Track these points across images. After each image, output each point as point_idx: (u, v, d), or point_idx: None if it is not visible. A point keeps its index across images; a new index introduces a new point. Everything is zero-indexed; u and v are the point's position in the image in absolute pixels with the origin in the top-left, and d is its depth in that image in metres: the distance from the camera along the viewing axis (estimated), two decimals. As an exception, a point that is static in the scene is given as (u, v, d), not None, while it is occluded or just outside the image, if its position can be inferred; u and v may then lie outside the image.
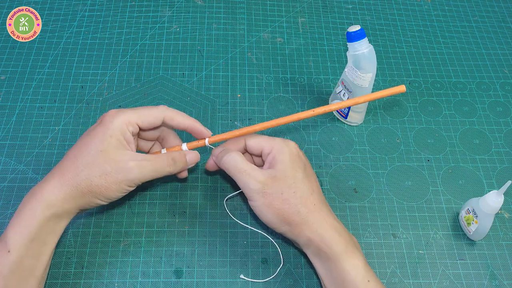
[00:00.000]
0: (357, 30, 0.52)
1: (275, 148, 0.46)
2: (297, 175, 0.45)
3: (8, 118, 0.59)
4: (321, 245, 0.43)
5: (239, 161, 0.45)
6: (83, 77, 0.63)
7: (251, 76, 0.66)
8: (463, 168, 0.59)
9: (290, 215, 0.43)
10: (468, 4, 0.79)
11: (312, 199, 0.44)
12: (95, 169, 0.42)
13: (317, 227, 0.43)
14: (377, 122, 0.62)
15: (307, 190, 0.44)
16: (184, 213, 0.53)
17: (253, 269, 0.49)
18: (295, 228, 0.44)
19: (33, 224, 0.40)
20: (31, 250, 0.40)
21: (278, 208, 0.43)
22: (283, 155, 0.45)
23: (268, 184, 0.44)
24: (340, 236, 0.43)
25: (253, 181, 0.44)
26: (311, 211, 0.44)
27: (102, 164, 0.42)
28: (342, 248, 0.42)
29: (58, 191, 0.41)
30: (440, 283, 0.50)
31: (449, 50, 0.72)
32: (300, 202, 0.44)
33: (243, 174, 0.44)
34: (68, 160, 0.43)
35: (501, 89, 0.67)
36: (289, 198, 0.43)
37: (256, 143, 0.47)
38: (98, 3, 0.72)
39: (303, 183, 0.45)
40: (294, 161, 0.45)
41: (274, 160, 0.45)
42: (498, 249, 0.52)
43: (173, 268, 0.49)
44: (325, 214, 0.44)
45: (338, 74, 0.67)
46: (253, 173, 0.44)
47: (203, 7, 0.74)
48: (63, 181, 0.42)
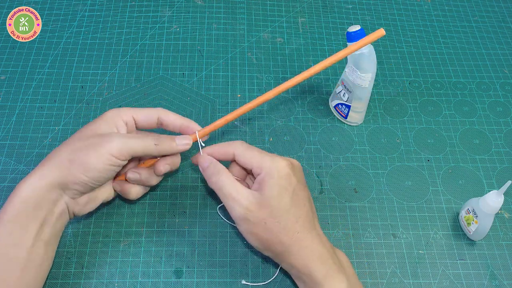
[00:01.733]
0: (357, 30, 0.52)
1: (264, 170, 0.43)
2: (282, 203, 0.42)
3: (8, 118, 0.59)
4: (303, 271, 0.42)
5: (226, 185, 0.44)
6: (83, 77, 0.64)
7: (251, 76, 0.66)
8: (463, 168, 0.59)
9: (272, 244, 0.43)
10: (468, 4, 0.79)
11: (297, 227, 0.42)
12: (79, 141, 0.43)
13: (299, 255, 0.42)
14: (377, 122, 0.62)
15: (292, 218, 0.42)
16: (184, 213, 0.53)
17: (253, 269, 0.49)
18: (278, 256, 0.44)
19: (10, 207, 0.40)
20: (11, 235, 0.39)
21: (260, 236, 0.43)
22: (271, 180, 0.43)
23: (252, 210, 0.42)
24: (322, 263, 0.42)
25: (237, 207, 0.43)
26: (294, 241, 0.42)
27: (88, 136, 0.43)
28: (323, 274, 0.41)
29: (38, 170, 0.41)
30: (440, 283, 0.50)
31: (449, 50, 0.72)
32: (283, 232, 0.42)
33: (228, 198, 0.43)
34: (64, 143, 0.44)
35: (501, 89, 0.67)
36: (272, 227, 0.42)
37: (247, 160, 0.45)
38: (98, 3, 0.72)
39: (288, 212, 0.42)
40: (281, 186, 0.43)
41: (262, 183, 0.43)
42: (498, 249, 0.52)
43: (173, 268, 0.49)
44: (310, 241, 0.43)
45: (338, 74, 0.67)
46: (238, 197, 0.43)
47: (203, 7, 0.74)
48: (45, 161, 0.42)
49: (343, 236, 0.52)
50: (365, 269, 0.50)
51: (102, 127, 0.44)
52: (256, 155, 0.44)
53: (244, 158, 0.45)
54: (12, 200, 0.40)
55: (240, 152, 0.45)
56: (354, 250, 0.51)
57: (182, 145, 0.47)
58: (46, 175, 0.41)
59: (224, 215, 0.52)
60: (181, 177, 0.55)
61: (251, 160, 0.44)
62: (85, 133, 0.44)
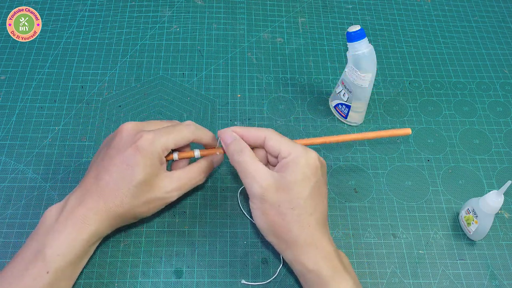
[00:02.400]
0: (357, 30, 0.52)
1: (292, 155, 0.43)
2: (302, 192, 0.42)
3: (8, 118, 0.59)
4: (310, 267, 0.41)
5: (247, 162, 0.43)
6: (83, 77, 0.64)
7: (251, 76, 0.66)
8: (463, 168, 0.59)
9: (281, 230, 0.42)
10: (468, 4, 0.79)
11: (309, 220, 0.42)
12: (139, 199, 0.43)
13: (305, 250, 0.41)
14: (377, 122, 0.62)
15: (308, 209, 0.42)
16: (184, 213, 0.53)
17: (253, 269, 0.49)
18: (282, 243, 0.43)
19: (75, 250, 0.41)
20: (68, 273, 0.41)
21: (271, 218, 0.42)
22: (297, 165, 0.42)
23: (270, 191, 0.42)
24: (328, 262, 0.41)
25: (255, 185, 0.42)
26: (303, 233, 0.41)
27: (146, 193, 0.44)
28: (330, 273, 0.41)
29: (104, 219, 0.42)
30: (440, 283, 0.50)
31: (449, 50, 0.72)
32: (295, 220, 0.41)
33: (248, 176, 0.43)
34: (108, 188, 0.42)
35: (501, 89, 0.67)
36: (285, 212, 0.41)
37: (276, 144, 0.44)
38: (98, 3, 0.72)
39: (306, 202, 0.42)
40: (305, 175, 0.42)
41: (287, 166, 0.42)
42: (498, 249, 0.52)
43: (173, 268, 0.49)
44: (319, 237, 0.42)
45: (338, 74, 0.67)
46: (258, 176, 0.42)
47: (203, 7, 0.74)
48: (108, 209, 0.42)
49: (343, 236, 0.52)
50: (365, 269, 0.50)
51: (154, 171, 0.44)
52: (288, 142, 0.44)
53: (274, 143, 0.44)
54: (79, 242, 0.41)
55: (272, 136, 0.44)
56: (354, 250, 0.51)
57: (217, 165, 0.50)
58: (111, 226, 0.44)
59: (242, 201, 0.53)
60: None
61: (280, 144, 0.44)
62: (142, 187, 0.43)
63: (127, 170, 0.42)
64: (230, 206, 0.53)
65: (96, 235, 0.42)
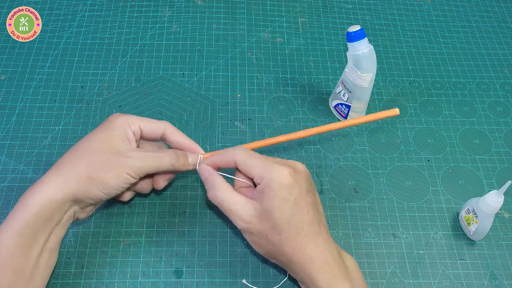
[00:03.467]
0: (357, 30, 0.52)
1: (264, 180, 0.42)
2: (283, 216, 0.41)
3: (8, 118, 0.59)
4: (307, 280, 0.42)
5: (224, 199, 0.43)
6: (83, 77, 0.64)
7: (251, 76, 0.66)
8: (463, 168, 0.59)
9: (275, 254, 0.43)
10: (468, 4, 0.79)
11: (298, 238, 0.42)
12: (95, 155, 0.42)
13: (302, 265, 0.42)
14: (377, 122, 0.62)
15: (294, 229, 0.42)
16: (184, 213, 0.53)
17: (253, 269, 0.49)
18: (282, 264, 0.45)
19: (22, 218, 0.39)
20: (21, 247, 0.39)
21: (264, 247, 0.44)
22: (271, 190, 0.41)
23: (254, 224, 0.42)
24: (326, 272, 0.41)
25: (239, 222, 0.43)
26: (296, 251, 0.42)
27: (104, 150, 0.42)
28: (326, 283, 0.41)
29: (52, 181, 0.41)
30: (440, 283, 0.50)
31: (449, 50, 0.72)
32: (285, 243, 0.42)
33: (228, 213, 0.44)
34: (66, 154, 0.43)
35: (501, 89, 0.67)
36: (273, 239, 0.42)
37: (247, 169, 0.44)
38: (98, 3, 0.72)
39: (289, 224, 0.41)
40: (282, 198, 0.41)
41: (262, 193, 0.42)
42: (498, 249, 0.52)
43: (173, 268, 0.49)
44: (314, 249, 0.42)
45: (338, 74, 0.67)
46: (238, 212, 0.43)
47: (203, 7, 0.74)
48: (59, 171, 0.41)
49: (343, 236, 0.52)
50: (365, 269, 0.50)
51: (114, 139, 0.44)
52: (257, 164, 0.43)
53: (245, 167, 0.44)
54: (25, 210, 0.40)
55: (242, 161, 0.44)
56: (354, 250, 0.51)
57: (193, 165, 0.48)
58: (63, 189, 0.41)
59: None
60: (181, 177, 0.55)
61: (251, 170, 0.43)
62: (99, 145, 0.43)
63: (87, 136, 0.44)
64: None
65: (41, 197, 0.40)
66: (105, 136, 0.44)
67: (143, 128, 0.46)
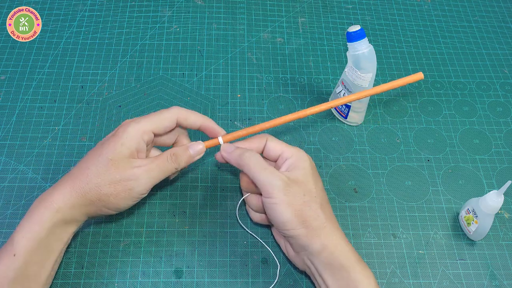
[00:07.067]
0: (357, 30, 0.52)
1: (296, 155, 0.46)
2: (317, 183, 0.45)
3: (8, 118, 0.59)
4: (336, 253, 0.42)
5: (261, 159, 0.45)
6: (83, 77, 0.64)
7: (251, 76, 0.66)
8: (463, 168, 0.59)
9: (309, 217, 0.43)
10: (468, 4, 0.79)
11: (328, 209, 0.45)
12: (104, 178, 0.42)
13: (333, 234, 0.43)
14: (377, 122, 0.62)
15: (326, 199, 0.46)
16: (184, 213, 0.53)
17: (253, 269, 0.49)
18: (311, 232, 0.43)
19: (41, 230, 0.40)
20: (37, 256, 0.40)
21: (298, 208, 0.43)
22: (304, 163, 0.46)
23: (291, 183, 0.43)
24: (351, 249, 0.44)
25: (277, 178, 0.43)
26: (329, 219, 0.44)
27: (112, 173, 0.43)
28: (356, 258, 0.42)
29: (67, 198, 0.42)
30: (440, 283, 0.50)
31: (449, 50, 0.72)
32: (320, 207, 0.44)
33: (266, 171, 0.44)
34: (79, 169, 0.43)
35: (501, 89, 0.67)
36: (310, 201, 0.43)
37: (277, 146, 0.47)
38: (98, 3, 0.72)
39: (323, 192, 0.46)
40: (314, 171, 0.46)
41: (294, 165, 0.45)
42: (498, 249, 0.52)
43: (173, 268, 0.49)
44: (337, 225, 0.45)
45: (338, 74, 0.67)
46: (276, 170, 0.44)
47: (203, 7, 0.74)
48: (73, 188, 0.42)
49: (343, 236, 0.52)
50: (365, 269, 0.50)
51: (123, 151, 0.43)
52: (286, 144, 0.48)
53: (275, 144, 0.47)
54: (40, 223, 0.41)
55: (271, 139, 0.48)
56: (354, 250, 0.51)
57: (197, 154, 0.48)
58: (76, 207, 0.42)
59: (240, 216, 0.52)
60: (181, 177, 0.55)
61: (282, 146, 0.47)
62: (105, 168, 0.43)
63: (98, 150, 0.44)
64: (230, 206, 0.53)
65: (58, 213, 0.41)
66: (113, 153, 0.43)
67: (156, 130, 0.46)
